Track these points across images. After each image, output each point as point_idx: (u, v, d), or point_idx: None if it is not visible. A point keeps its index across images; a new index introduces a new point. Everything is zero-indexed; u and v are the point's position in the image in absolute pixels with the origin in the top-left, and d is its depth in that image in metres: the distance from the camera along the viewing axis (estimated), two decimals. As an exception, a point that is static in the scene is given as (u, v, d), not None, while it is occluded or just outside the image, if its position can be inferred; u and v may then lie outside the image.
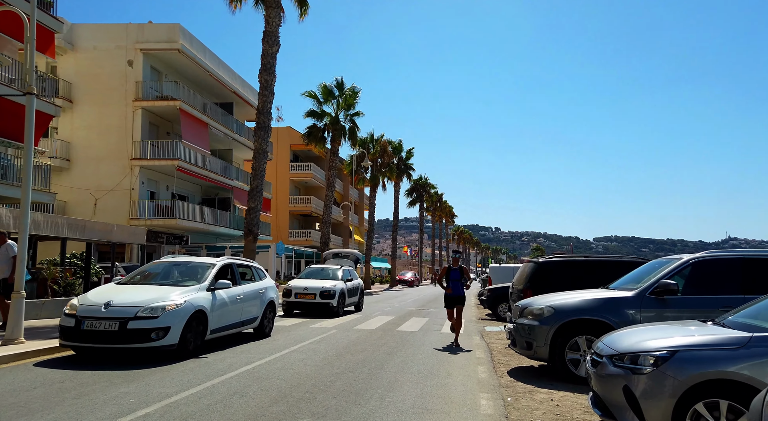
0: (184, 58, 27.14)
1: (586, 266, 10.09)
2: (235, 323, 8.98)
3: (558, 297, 7.38)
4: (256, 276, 10.23)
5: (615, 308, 6.80)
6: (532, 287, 10.03)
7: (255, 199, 17.14)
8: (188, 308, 7.48)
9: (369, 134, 37.83)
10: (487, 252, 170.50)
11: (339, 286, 15.54)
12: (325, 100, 27.58)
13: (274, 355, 8.21)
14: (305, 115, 27.58)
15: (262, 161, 17.22)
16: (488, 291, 16.60)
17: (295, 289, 15.14)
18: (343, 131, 27.74)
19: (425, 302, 24.80)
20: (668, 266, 7.00)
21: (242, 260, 10.19)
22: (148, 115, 26.96)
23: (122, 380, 6.14)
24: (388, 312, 17.66)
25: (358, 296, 17.64)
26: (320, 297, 14.95)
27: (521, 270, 11.01)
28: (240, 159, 38.04)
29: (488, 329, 13.48)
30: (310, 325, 12.80)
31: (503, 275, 19.72)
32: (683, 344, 4.10)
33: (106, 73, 26.07)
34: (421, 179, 63.50)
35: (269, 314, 10.35)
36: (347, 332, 11.69)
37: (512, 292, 11.02)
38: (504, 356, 9.04)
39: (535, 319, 7.15)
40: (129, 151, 25.95)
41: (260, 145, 17.23)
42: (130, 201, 25.86)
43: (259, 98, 17.30)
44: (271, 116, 17.65)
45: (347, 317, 15.46)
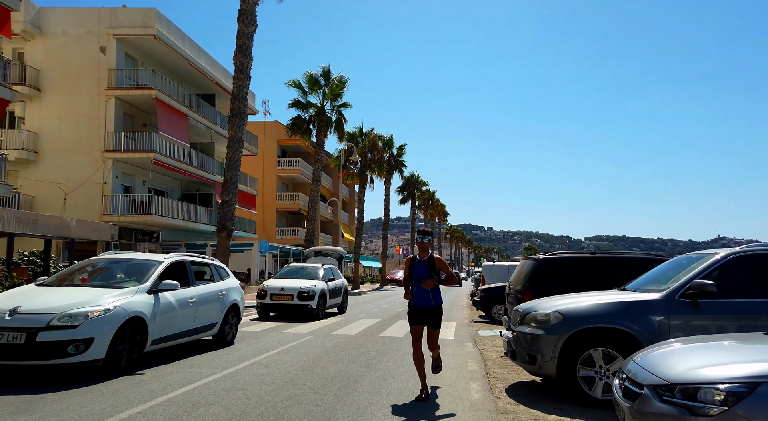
0: (161, 45, 25.67)
1: (593, 264, 8.86)
2: (187, 330, 7.66)
3: (566, 300, 6.13)
4: (216, 275, 8.90)
5: (637, 313, 5.57)
6: (532, 287, 8.80)
7: (229, 192, 15.78)
8: (119, 314, 6.15)
9: (358, 128, 36.49)
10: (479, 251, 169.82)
11: (319, 286, 14.24)
12: (311, 89, 26.19)
13: (228, 369, 6.90)
14: (289, 106, 26.18)
15: (237, 151, 15.86)
16: (482, 291, 15.38)
17: (271, 289, 13.81)
18: (330, 123, 26.36)
19: (415, 302, 23.54)
20: (701, 262, 5.77)
21: (200, 256, 8.85)
22: (122, 105, 25.46)
23: (14, 410, 4.80)
24: (374, 314, 16.38)
25: (342, 297, 16.35)
26: (298, 298, 13.64)
27: (519, 268, 9.77)
28: (223, 154, 36.52)
29: (482, 333, 12.25)
30: (284, 330, 11.49)
31: (497, 274, 18.51)
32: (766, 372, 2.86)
33: (77, 60, 24.54)
34: (412, 176, 62.22)
35: (231, 319, 9.03)
36: (324, 338, 10.39)
37: (509, 293, 9.78)
38: (500, 368, 7.79)
39: (540, 327, 5.90)
40: (101, 143, 24.45)
41: (235, 133, 15.87)
42: (103, 196, 24.37)
43: (234, 82, 15.94)
44: (247, 102, 16.29)
45: (328, 319, 14.17)
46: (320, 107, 26.32)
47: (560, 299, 6.26)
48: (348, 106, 26.97)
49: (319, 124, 26.09)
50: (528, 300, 8.81)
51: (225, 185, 15.90)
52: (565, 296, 6.60)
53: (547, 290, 8.76)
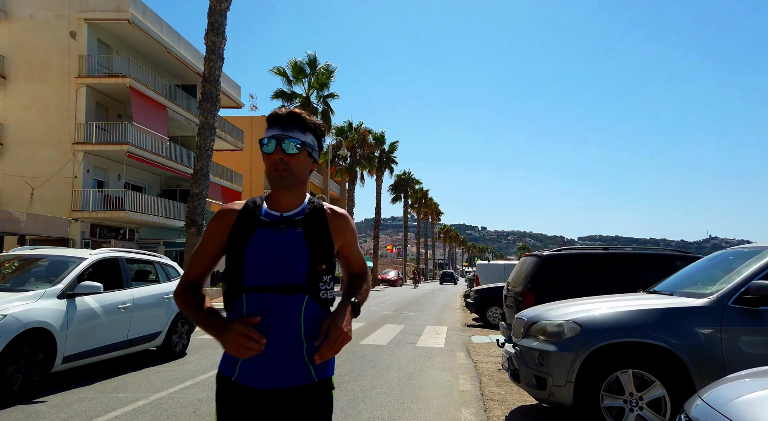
0: (136, 31, 24.19)
1: (606, 262, 7.58)
2: (117, 342, 6.28)
3: (582, 306, 4.83)
4: (162, 276, 7.52)
5: (678, 323, 4.27)
6: (535, 289, 7.51)
7: (199, 184, 14.39)
8: (10, 326, 4.77)
9: (347, 122, 35.12)
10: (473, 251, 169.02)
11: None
12: (296, 78, 24.76)
13: (159, 393, 5.53)
14: (273, 96, 24.80)
15: (209, 138, 14.47)
16: (475, 292, 14.09)
17: (242, 291, 12.41)
18: (316, 114, 24.93)
19: (405, 304, 22.25)
20: (759, 258, 4.48)
21: (143, 253, 7.48)
22: (94, 95, 23.94)
23: None
24: (360, 317, 14.99)
25: (324, 299, 14.97)
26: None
27: (519, 267, 8.47)
28: (208, 148, 35.12)
29: (476, 339, 10.94)
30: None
31: (492, 274, 17.23)
32: None
33: (45, 45, 23.02)
34: (405, 174, 61.05)
35: (181, 327, 7.65)
36: (295, 347, 9.04)
37: (507, 295, 8.48)
38: (498, 386, 6.49)
39: (551, 341, 4.59)
40: (71, 134, 22.93)
41: (206, 119, 14.48)
42: (73, 191, 22.84)
43: (205, 64, 14.55)
44: (219, 85, 14.91)
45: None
46: (305, 97, 24.92)
47: (574, 305, 4.96)
48: (335, 96, 25.58)
49: (304, 115, 24.70)
50: (530, 304, 7.52)
51: (195, 176, 14.50)
52: (579, 300, 5.30)
53: (552, 293, 7.50)
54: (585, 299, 5.39)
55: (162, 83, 26.80)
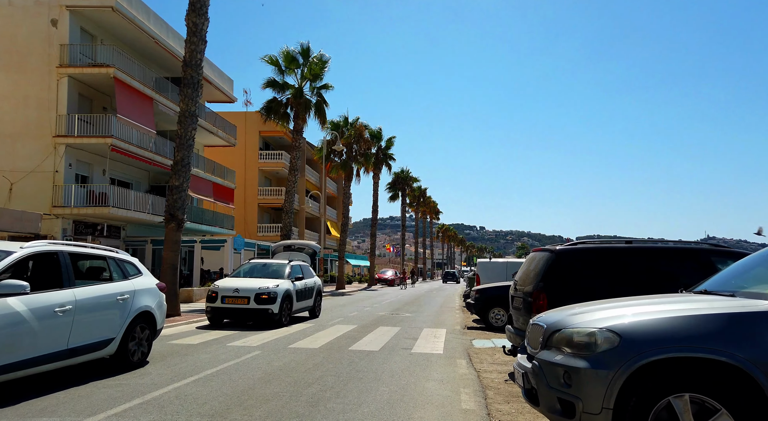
0: (122, 19, 23.13)
1: (629, 257, 6.59)
2: (53, 353, 5.26)
3: (615, 310, 3.85)
4: (117, 274, 6.50)
5: (750, 332, 3.28)
6: (547, 288, 6.52)
7: (180, 176, 13.37)
8: None
9: (343, 117, 34.07)
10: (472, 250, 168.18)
11: (283, 286, 11.87)
12: (288, 68, 23.67)
13: (96, 416, 4.52)
14: (264, 86, 23.67)
15: (189, 126, 13.45)
16: (476, 292, 13.10)
17: (222, 291, 11.42)
18: (309, 106, 23.85)
19: (402, 304, 21.25)
20: None
21: (95, 247, 6.46)
22: (76, 85, 22.89)
23: None
24: (351, 319, 14.05)
25: (314, 299, 14.00)
26: (256, 301, 11.26)
27: (528, 264, 7.48)
28: (200, 144, 34.07)
29: (477, 344, 9.96)
30: (229, 342, 9.11)
31: (494, 273, 16.25)
32: None
33: (25, 33, 21.96)
34: (402, 172, 60.07)
35: (140, 333, 6.64)
36: (275, 354, 8.03)
37: (515, 295, 7.49)
38: (507, 402, 5.50)
39: (581, 354, 3.59)
40: (52, 126, 21.87)
41: (186, 106, 13.46)
42: (54, 186, 21.79)
43: (186, 46, 13.52)
44: (202, 70, 13.89)
45: (294, 327, 11.81)
46: (298, 88, 23.84)
47: (604, 309, 3.97)
48: (329, 88, 24.52)
49: (297, 107, 23.60)
50: (542, 306, 6.54)
51: (175, 168, 13.48)
52: (608, 302, 4.31)
53: (568, 293, 6.52)
54: (615, 301, 4.40)
55: (150, 75, 25.75)
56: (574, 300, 6.51)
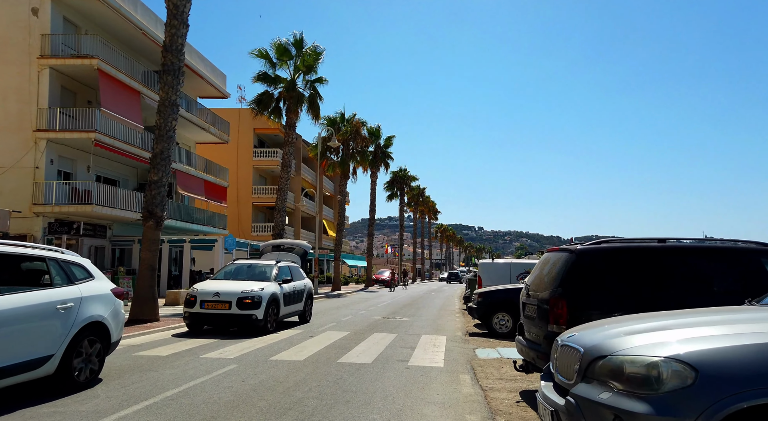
0: (107, 9, 22.12)
1: (663, 258, 5.63)
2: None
3: (678, 330, 2.88)
4: (60, 278, 5.50)
5: None
6: (568, 295, 5.56)
7: (159, 170, 12.38)
8: None
9: (339, 113, 33.07)
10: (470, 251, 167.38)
11: (269, 289, 10.88)
12: (280, 60, 22.64)
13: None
14: (254, 80, 22.65)
15: (169, 116, 12.46)
16: (479, 296, 12.12)
17: (202, 295, 10.43)
18: (302, 99, 22.81)
19: (399, 307, 20.28)
20: None
21: (19, 245, 5.43)
22: (59, 78, 21.87)
23: None
24: (344, 324, 13.07)
25: (304, 303, 13.02)
26: (238, 306, 10.27)
27: (542, 266, 6.52)
28: (191, 141, 33.12)
29: (481, 354, 8.99)
30: (203, 354, 8.12)
31: (497, 274, 15.30)
32: None
33: (3, 23, 20.93)
34: (401, 171, 59.17)
35: (89, 347, 5.66)
36: (252, 368, 7.05)
37: (527, 302, 6.52)
38: (523, 434, 4.52)
39: (637, 393, 2.62)
40: (33, 120, 20.84)
41: (167, 95, 12.47)
42: (34, 182, 20.76)
43: (166, 30, 12.53)
44: (183, 56, 12.91)
45: (280, 334, 10.83)
46: (290, 81, 22.80)
47: (659, 327, 3.00)
48: (324, 81, 23.49)
49: (289, 101, 22.58)
50: (561, 316, 5.57)
51: (154, 161, 12.49)
52: (660, 317, 3.35)
53: (592, 300, 5.60)
54: (666, 315, 3.44)
55: (138, 68, 24.77)
56: (599, 309, 5.56)
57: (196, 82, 31.09)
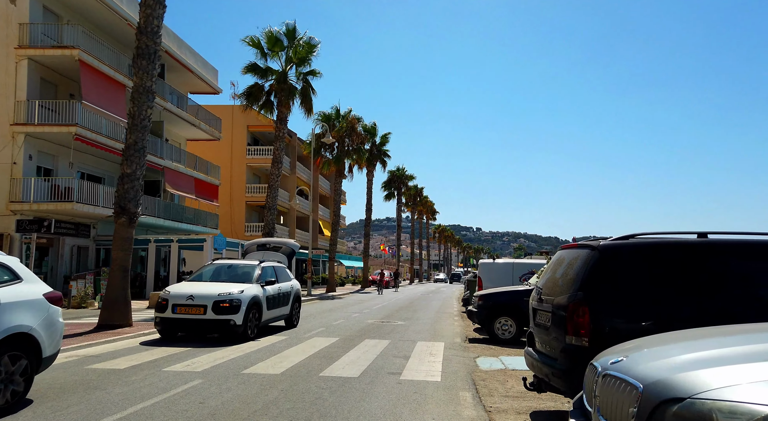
0: (89, -3, 21.14)
1: (706, 257, 4.68)
2: None
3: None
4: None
5: None
6: (590, 299, 4.61)
7: (132, 162, 11.39)
8: None
9: (334, 108, 32.07)
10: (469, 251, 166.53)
11: (250, 292, 9.91)
12: (272, 51, 21.61)
13: None
14: (244, 70, 21.62)
15: (144, 104, 11.47)
16: (480, 299, 11.15)
17: (174, 298, 9.44)
18: (293, 92, 21.78)
19: (395, 309, 19.31)
20: None
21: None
22: (38, 69, 20.88)
23: None
24: (335, 329, 12.10)
25: (291, 306, 12.05)
26: (214, 311, 9.29)
27: (556, 265, 5.56)
28: (181, 138, 32.15)
29: (483, 364, 8.03)
30: (166, 366, 7.13)
31: (498, 275, 14.35)
32: None
33: (-21, 11, 19.92)
34: (398, 170, 58.24)
35: (10, 366, 4.69)
36: (219, 385, 6.08)
37: (539, 308, 5.55)
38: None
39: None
40: (10, 114, 19.84)
41: (141, 81, 11.49)
42: (12, 179, 19.76)
43: (141, 11, 11.54)
44: (160, 39, 11.92)
45: (262, 340, 9.86)
46: (282, 72, 21.78)
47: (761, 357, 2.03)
48: (317, 74, 22.49)
49: (280, 94, 21.56)
50: (583, 325, 4.61)
51: (126, 152, 11.49)
52: (736, 334, 2.39)
53: (620, 305, 4.67)
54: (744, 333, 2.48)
55: (125, 61, 23.80)
56: (625, 317, 4.61)
57: (187, 77, 30.12)
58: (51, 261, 22.52)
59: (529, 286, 11.09)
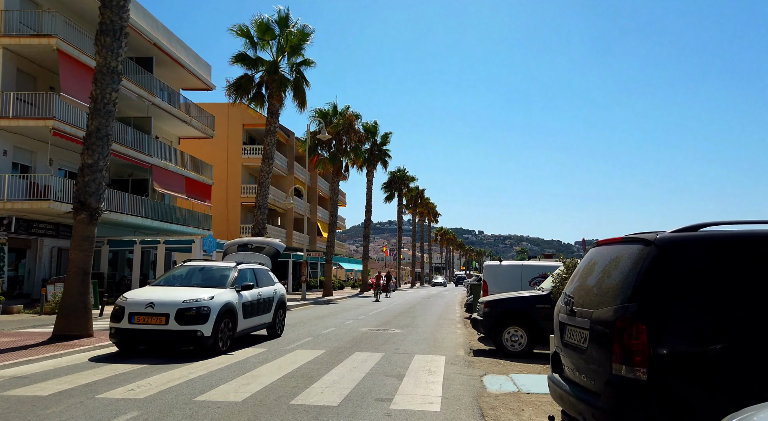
0: (70, -16, 19.96)
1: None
2: None
3: None
4: None
5: None
6: (649, 312, 3.32)
7: (95, 152, 10.13)
8: None
9: (331, 105, 30.81)
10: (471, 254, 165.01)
11: (222, 298, 8.60)
12: (262, 40, 20.31)
13: None
14: (232, 61, 20.34)
15: (108, 87, 10.21)
16: (486, 305, 9.81)
17: (131, 306, 8.14)
18: (285, 83, 20.46)
19: (393, 315, 17.96)
20: None
21: None
22: (15, 60, 19.68)
23: None
24: (324, 339, 10.78)
25: (273, 313, 10.73)
26: (177, 320, 7.98)
27: (590, 266, 4.25)
28: (173, 135, 30.99)
29: (491, 385, 6.70)
30: (101, 393, 5.81)
31: (507, 279, 13.01)
32: None
33: (-49, -3, 18.76)
34: (399, 171, 56.92)
35: None
36: (160, 418, 4.76)
37: (568, 324, 4.22)
38: None
39: None
40: (-18, 106, 18.63)
41: (105, 61, 10.24)
42: (-16, 176, 18.54)
43: (105, -18, 10.28)
44: (128, 13, 10.69)
45: (236, 354, 8.55)
46: (273, 62, 20.49)
47: None
48: (311, 64, 21.19)
49: (271, 85, 20.26)
50: (638, 348, 3.27)
51: (88, 140, 10.22)
52: None
53: (689, 324, 3.33)
54: None
55: (109, 53, 22.63)
56: (697, 339, 3.31)
57: (178, 73, 28.93)
58: (28, 264, 21.27)
59: (542, 291, 9.77)
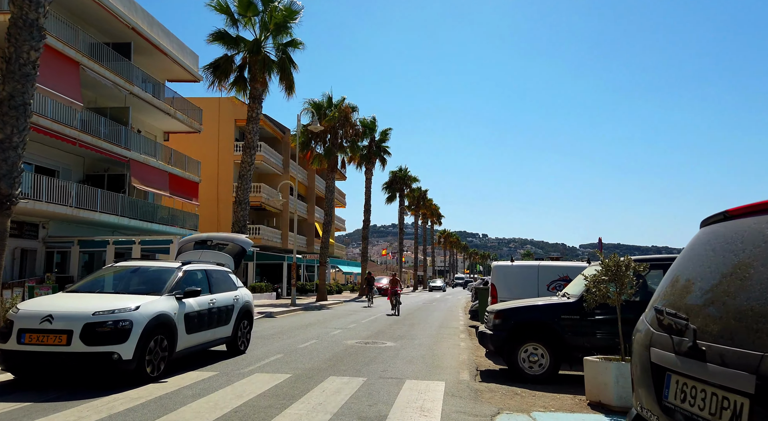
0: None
1: None
2: None
3: None
4: None
5: None
6: None
7: (6, 123, 8.15)
8: None
9: (326, 96, 28.83)
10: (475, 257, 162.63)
11: (152, 308, 6.57)
12: (243, 16, 18.28)
13: None
14: (209, 39, 18.34)
15: (25, 44, 8.26)
16: (496, 315, 7.74)
17: (23, 320, 6.11)
18: (269, 64, 18.40)
19: (387, 324, 15.89)
20: None
21: None
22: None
23: None
24: (297, 356, 8.75)
25: (234, 325, 8.69)
26: (84, 339, 5.96)
27: (731, 254, 2.17)
28: (158, 130, 29.08)
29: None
30: None
31: (519, 282, 10.93)
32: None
33: None
34: (401, 171, 54.84)
35: None
36: None
37: (691, 376, 2.15)
38: None
39: None
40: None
41: (21, 11, 8.29)
42: (-67, 168, 16.58)
43: None
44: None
45: (171, 381, 6.52)
46: (255, 41, 18.47)
47: None
48: (299, 45, 19.18)
49: (254, 67, 18.23)
50: None
51: (1, 110, 8.22)
52: None
53: None
54: None
55: (86, 39, 20.86)
56: None
57: (161, 62, 27.03)
58: (-13, 266, 19.44)
59: (568, 298, 7.70)
